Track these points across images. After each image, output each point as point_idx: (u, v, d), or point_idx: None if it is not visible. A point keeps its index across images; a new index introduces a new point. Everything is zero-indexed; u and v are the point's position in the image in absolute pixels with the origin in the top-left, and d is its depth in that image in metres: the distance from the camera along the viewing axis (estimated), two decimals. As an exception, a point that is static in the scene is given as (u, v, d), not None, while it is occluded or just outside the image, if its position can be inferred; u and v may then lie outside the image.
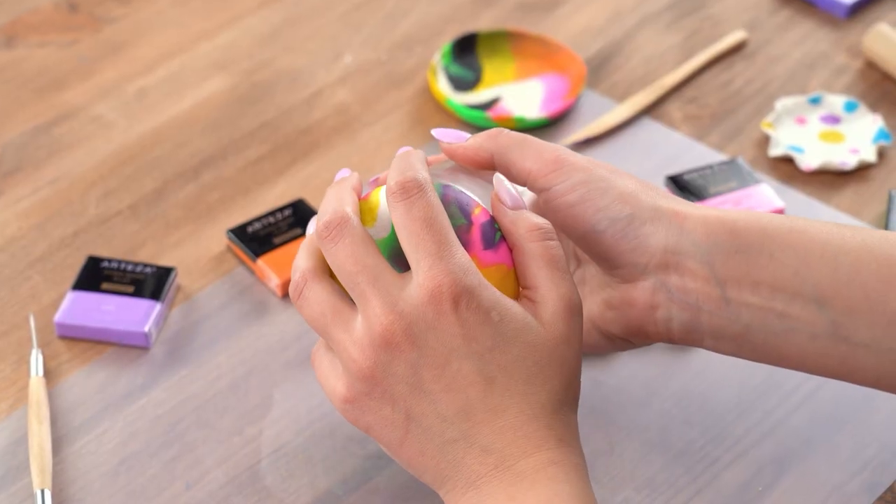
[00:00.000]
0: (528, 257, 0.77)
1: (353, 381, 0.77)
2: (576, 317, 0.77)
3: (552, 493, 0.73)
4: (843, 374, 0.80)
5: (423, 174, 0.78)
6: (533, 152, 0.82)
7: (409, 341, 0.75)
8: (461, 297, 0.74)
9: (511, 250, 0.79)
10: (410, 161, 0.79)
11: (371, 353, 0.76)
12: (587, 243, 0.82)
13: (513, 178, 0.83)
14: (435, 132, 0.84)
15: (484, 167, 0.83)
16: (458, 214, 0.79)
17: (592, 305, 0.84)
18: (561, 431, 0.75)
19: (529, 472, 0.74)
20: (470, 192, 0.81)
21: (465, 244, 0.78)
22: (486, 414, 0.75)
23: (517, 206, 0.79)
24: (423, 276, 0.75)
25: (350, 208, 0.78)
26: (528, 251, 0.77)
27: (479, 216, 0.79)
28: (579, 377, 0.78)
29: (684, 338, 0.82)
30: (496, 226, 0.79)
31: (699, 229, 0.80)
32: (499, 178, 0.80)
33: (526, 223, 0.78)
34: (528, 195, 0.85)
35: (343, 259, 0.77)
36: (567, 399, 0.77)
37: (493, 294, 0.75)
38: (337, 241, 0.77)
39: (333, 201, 0.79)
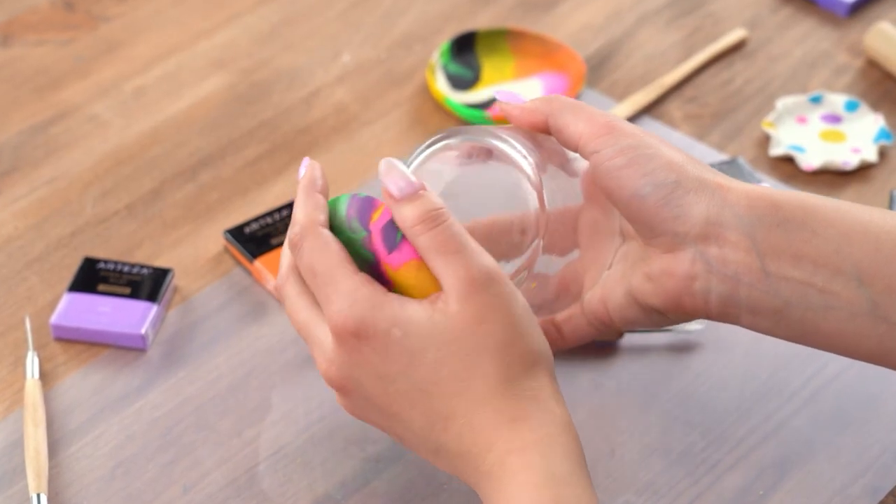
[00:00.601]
0: (422, 251, 0.75)
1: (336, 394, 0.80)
2: (481, 290, 0.74)
3: (516, 488, 0.72)
4: (880, 356, 0.79)
5: (302, 220, 0.78)
6: (585, 116, 0.83)
7: (348, 381, 0.78)
8: (359, 331, 0.75)
9: None
10: (296, 210, 0.79)
11: (333, 386, 0.79)
12: (630, 209, 0.81)
13: (564, 141, 0.83)
14: (497, 93, 0.85)
15: (538, 129, 0.84)
16: (358, 227, 0.78)
17: (633, 279, 0.84)
18: (512, 409, 0.74)
19: (495, 469, 0.74)
20: (524, 150, 0.82)
21: (374, 255, 0.77)
22: (443, 423, 0.75)
23: (406, 195, 0.76)
24: (328, 322, 0.77)
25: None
26: (420, 245, 0.75)
27: (377, 221, 0.77)
28: (520, 340, 0.75)
29: (721, 312, 0.81)
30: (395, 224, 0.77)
31: (742, 202, 0.80)
32: (387, 164, 0.77)
33: (410, 217, 0.75)
34: (580, 162, 0.85)
35: (288, 308, 0.81)
36: (511, 371, 0.75)
37: (390, 311, 0.75)
38: (285, 286, 0.81)
39: (299, 219, 0.79)
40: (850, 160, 1.08)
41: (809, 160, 1.08)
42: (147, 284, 0.97)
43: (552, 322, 0.89)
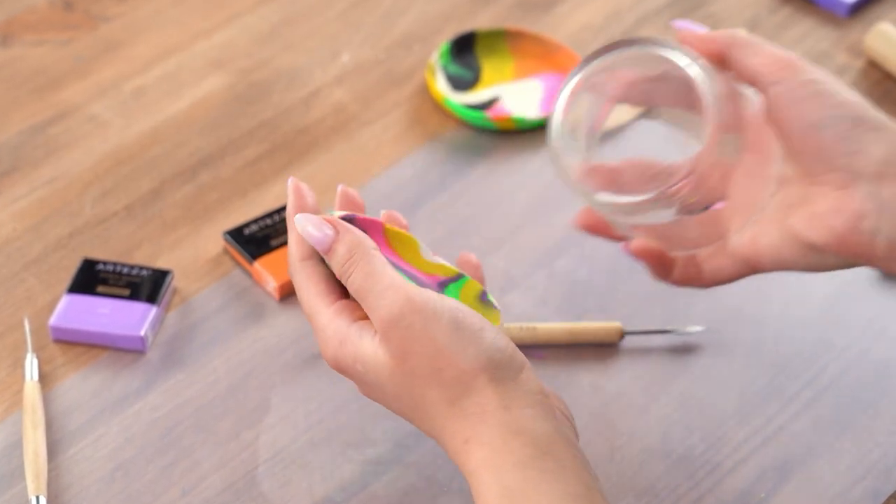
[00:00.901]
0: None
1: None
2: (394, 328, 0.75)
3: None
4: None
5: (289, 255, 0.81)
6: (766, 52, 0.81)
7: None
8: (336, 366, 0.79)
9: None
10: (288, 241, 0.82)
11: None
12: (807, 141, 0.79)
13: (742, 72, 0.81)
14: (674, 23, 0.85)
15: (716, 59, 0.82)
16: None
17: (793, 218, 0.80)
18: (464, 430, 0.74)
19: (469, 484, 0.75)
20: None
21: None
22: (425, 433, 0.78)
23: (325, 250, 0.79)
24: None
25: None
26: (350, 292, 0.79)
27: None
28: (449, 363, 0.74)
29: (887, 256, 0.78)
30: None
31: None
32: (300, 223, 0.79)
33: (336, 270, 0.78)
34: (752, 99, 0.83)
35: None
36: (452, 394, 0.75)
37: (351, 348, 0.77)
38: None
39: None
40: (851, 161, 1.07)
41: (810, 161, 1.07)
42: (146, 286, 0.97)
43: (693, 259, 0.85)
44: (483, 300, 0.84)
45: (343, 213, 0.84)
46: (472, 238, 1.03)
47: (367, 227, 0.85)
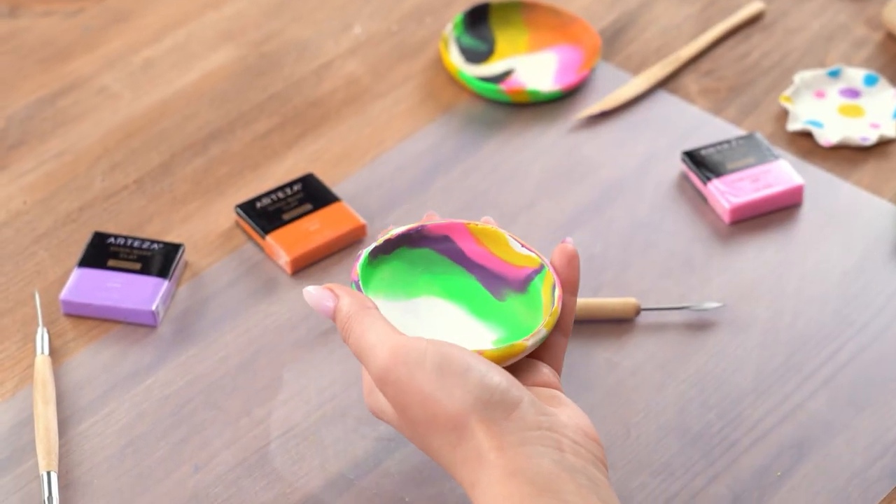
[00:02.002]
0: None
1: None
2: (386, 384, 0.76)
3: None
4: None
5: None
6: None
7: None
8: (373, 413, 0.82)
9: None
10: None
11: None
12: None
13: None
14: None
15: None
16: None
17: None
18: (467, 475, 0.75)
19: None
20: None
21: None
22: None
23: (329, 317, 0.81)
24: None
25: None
26: None
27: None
28: (441, 410, 0.75)
29: None
30: None
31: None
32: (306, 296, 0.82)
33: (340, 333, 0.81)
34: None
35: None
36: (450, 439, 0.75)
37: (374, 400, 0.81)
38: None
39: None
40: (869, 135, 1.06)
41: (828, 135, 1.06)
42: (157, 260, 0.96)
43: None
44: (553, 292, 0.83)
45: (405, 228, 0.85)
46: (486, 211, 1.02)
47: (447, 230, 0.85)
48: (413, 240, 0.85)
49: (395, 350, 0.76)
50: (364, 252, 0.83)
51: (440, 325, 0.83)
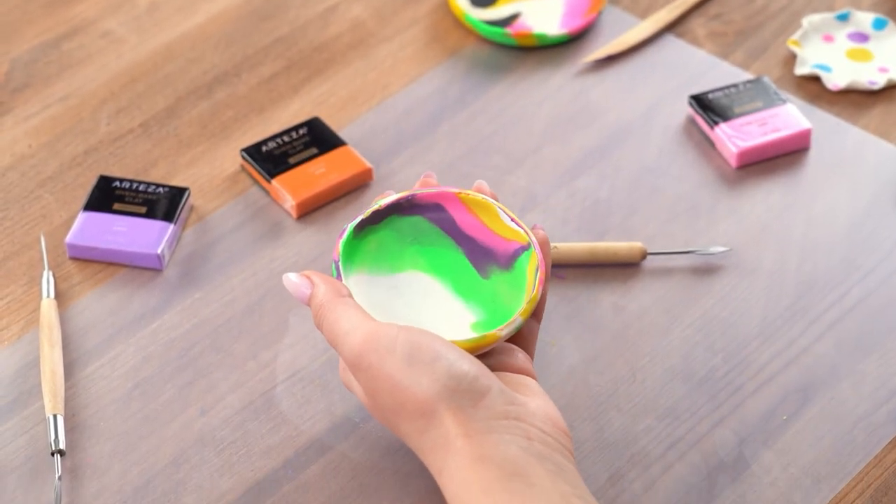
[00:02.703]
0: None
1: None
2: (358, 370, 0.77)
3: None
4: None
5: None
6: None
7: None
8: (349, 389, 0.82)
9: None
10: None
11: None
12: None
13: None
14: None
15: None
16: None
17: None
18: (435, 462, 0.76)
19: None
20: None
21: None
22: None
23: (304, 302, 0.81)
24: None
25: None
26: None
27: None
28: (409, 397, 0.75)
29: None
30: None
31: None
32: (285, 281, 0.82)
33: (314, 319, 0.81)
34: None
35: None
36: (418, 426, 0.76)
37: (348, 378, 0.81)
38: None
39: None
40: (878, 79, 1.06)
41: (836, 79, 1.06)
42: (163, 204, 0.96)
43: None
44: (535, 273, 0.83)
45: (398, 195, 0.85)
46: (492, 156, 1.01)
47: (439, 199, 0.85)
48: (403, 208, 0.85)
49: (367, 337, 0.77)
50: (349, 226, 0.83)
51: (422, 304, 0.84)
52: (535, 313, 0.84)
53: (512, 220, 0.85)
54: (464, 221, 0.86)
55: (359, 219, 0.84)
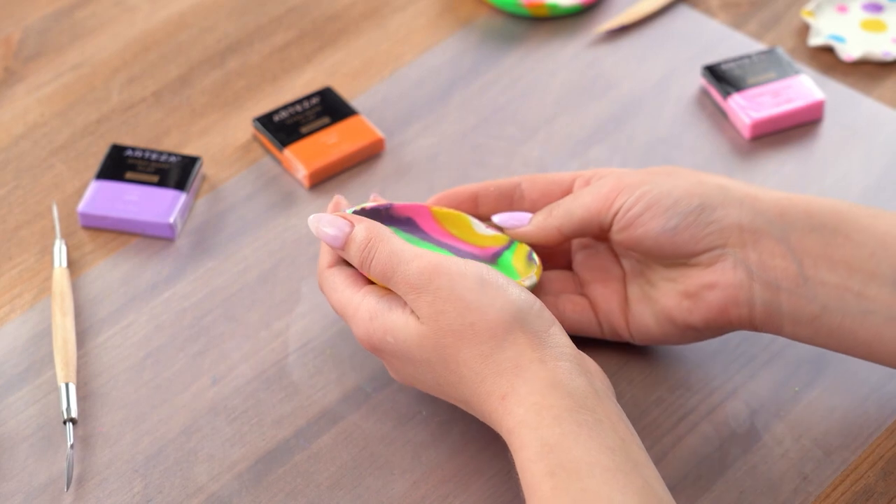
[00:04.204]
0: (377, 280, 0.80)
1: None
2: (424, 291, 0.76)
3: (519, 465, 0.73)
4: None
5: (318, 266, 0.83)
6: (589, 197, 0.83)
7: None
8: (370, 345, 0.80)
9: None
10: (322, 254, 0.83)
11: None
12: (662, 245, 0.81)
13: (589, 233, 0.84)
14: (496, 218, 0.86)
15: (557, 243, 0.85)
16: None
17: (667, 300, 0.82)
18: (500, 387, 0.74)
19: (509, 442, 0.74)
20: None
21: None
22: (465, 405, 0.78)
23: (340, 244, 0.80)
24: None
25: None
26: (373, 277, 0.79)
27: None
28: (481, 317, 0.75)
29: (765, 322, 0.80)
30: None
31: (773, 209, 0.80)
32: (314, 222, 0.81)
33: (355, 259, 0.80)
34: None
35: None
36: (485, 349, 0.75)
37: (381, 321, 0.78)
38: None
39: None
40: (892, 51, 1.05)
41: (849, 50, 1.05)
42: (175, 173, 0.96)
43: (555, 304, 0.86)
44: (529, 259, 0.85)
45: (375, 203, 0.86)
46: (505, 126, 1.01)
47: (411, 213, 0.86)
48: (381, 216, 0.86)
49: (436, 262, 0.76)
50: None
51: None
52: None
53: (487, 227, 0.86)
54: (438, 234, 0.87)
55: (348, 212, 0.84)
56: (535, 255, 0.85)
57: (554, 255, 0.87)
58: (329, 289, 0.82)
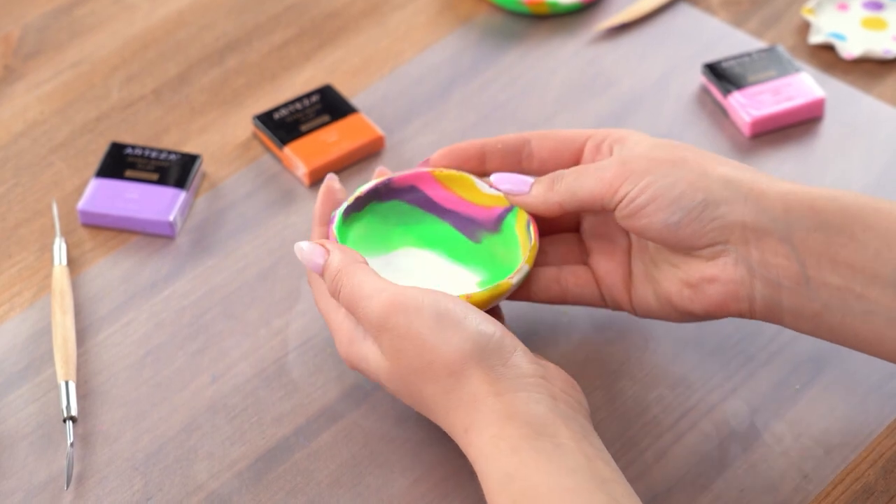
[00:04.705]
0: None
1: None
2: (383, 329, 0.77)
3: (487, 495, 0.73)
4: None
5: (310, 274, 0.83)
6: (593, 179, 0.82)
7: None
8: (350, 363, 0.81)
9: None
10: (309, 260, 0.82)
11: None
12: (665, 237, 0.80)
13: (592, 212, 0.84)
14: (494, 178, 0.85)
15: (556, 216, 0.84)
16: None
17: (669, 284, 0.82)
18: (462, 419, 0.75)
19: (477, 471, 0.75)
20: None
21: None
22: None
23: (319, 271, 0.81)
24: None
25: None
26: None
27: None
28: (437, 356, 0.75)
29: (765, 314, 0.80)
30: None
31: (777, 205, 0.79)
32: (297, 250, 0.82)
33: (329, 289, 0.80)
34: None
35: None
36: (446, 385, 0.75)
37: (356, 349, 0.79)
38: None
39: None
40: (892, 48, 1.05)
41: (850, 48, 1.05)
42: (175, 170, 0.96)
43: (557, 278, 0.86)
44: (527, 229, 0.84)
45: (372, 183, 0.85)
46: (504, 124, 1.01)
47: (413, 180, 0.86)
48: (382, 194, 0.86)
49: (393, 298, 0.76)
50: (337, 213, 0.84)
51: (422, 275, 0.84)
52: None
53: (490, 186, 0.86)
54: (441, 197, 0.87)
55: (344, 205, 0.85)
56: (532, 228, 0.84)
57: (561, 217, 0.87)
58: (317, 290, 0.83)
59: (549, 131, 0.86)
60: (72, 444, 0.82)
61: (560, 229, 0.88)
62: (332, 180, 0.86)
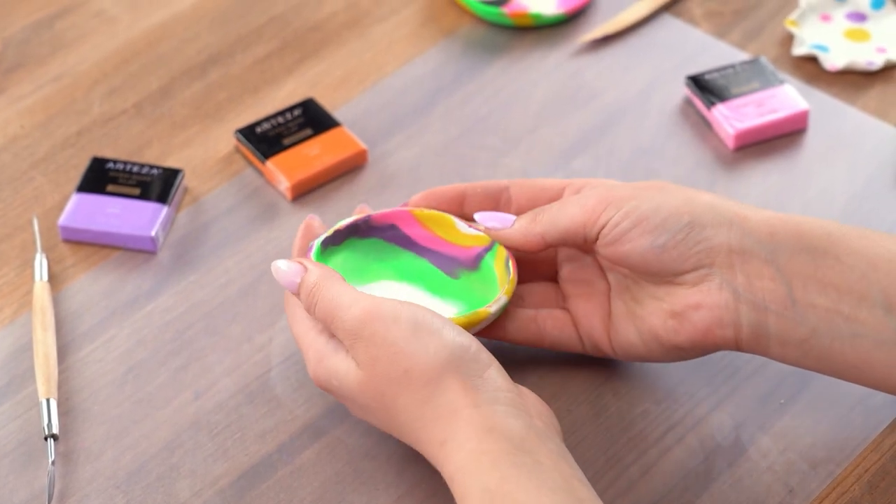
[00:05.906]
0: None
1: None
2: (359, 338, 0.76)
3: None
4: None
5: (287, 298, 0.83)
6: (575, 207, 0.82)
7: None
8: (319, 384, 0.80)
9: None
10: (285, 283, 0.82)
11: None
12: (648, 262, 0.80)
13: (573, 244, 0.83)
14: (478, 216, 0.85)
15: (538, 250, 0.84)
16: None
17: (653, 318, 0.81)
18: (438, 432, 0.74)
19: (452, 487, 0.74)
20: None
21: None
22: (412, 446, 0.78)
23: (294, 290, 0.80)
24: None
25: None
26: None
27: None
28: (414, 364, 0.75)
29: (752, 344, 0.80)
30: None
31: (762, 229, 0.79)
32: (274, 270, 0.81)
33: (305, 306, 0.80)
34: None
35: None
36: (422, 395, 0.74)
37: (326, 365, 0.79)
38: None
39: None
40: (875, 60, 1.05)
41: (833, 60, 1.05)
42: (157, 185, 0.96)
43: (535, 318, 0.85)
44: (506, 266, 0.85)
45: (351, 219, 0.86)
46: (487, 137, 1.01)
47: (393, 219, 0.86)
48: (361, 230, 0.86)
49: (370, 308, 0.76)
50: (315, 243, 0.84)
51: None
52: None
53: (469, 226, 0.86)
54: (421, 237, 0.87)
55: (323, 237, 0.85)
56: (510, 264, 0.84)
57: (539, 265, 0.87)
58: (290, 315, 0.82)
59: (527, 179, 0.87)
60: (53, 463, 0.81)
61: (537, 277, 0.87)
62: (312, 219, 0.86)
